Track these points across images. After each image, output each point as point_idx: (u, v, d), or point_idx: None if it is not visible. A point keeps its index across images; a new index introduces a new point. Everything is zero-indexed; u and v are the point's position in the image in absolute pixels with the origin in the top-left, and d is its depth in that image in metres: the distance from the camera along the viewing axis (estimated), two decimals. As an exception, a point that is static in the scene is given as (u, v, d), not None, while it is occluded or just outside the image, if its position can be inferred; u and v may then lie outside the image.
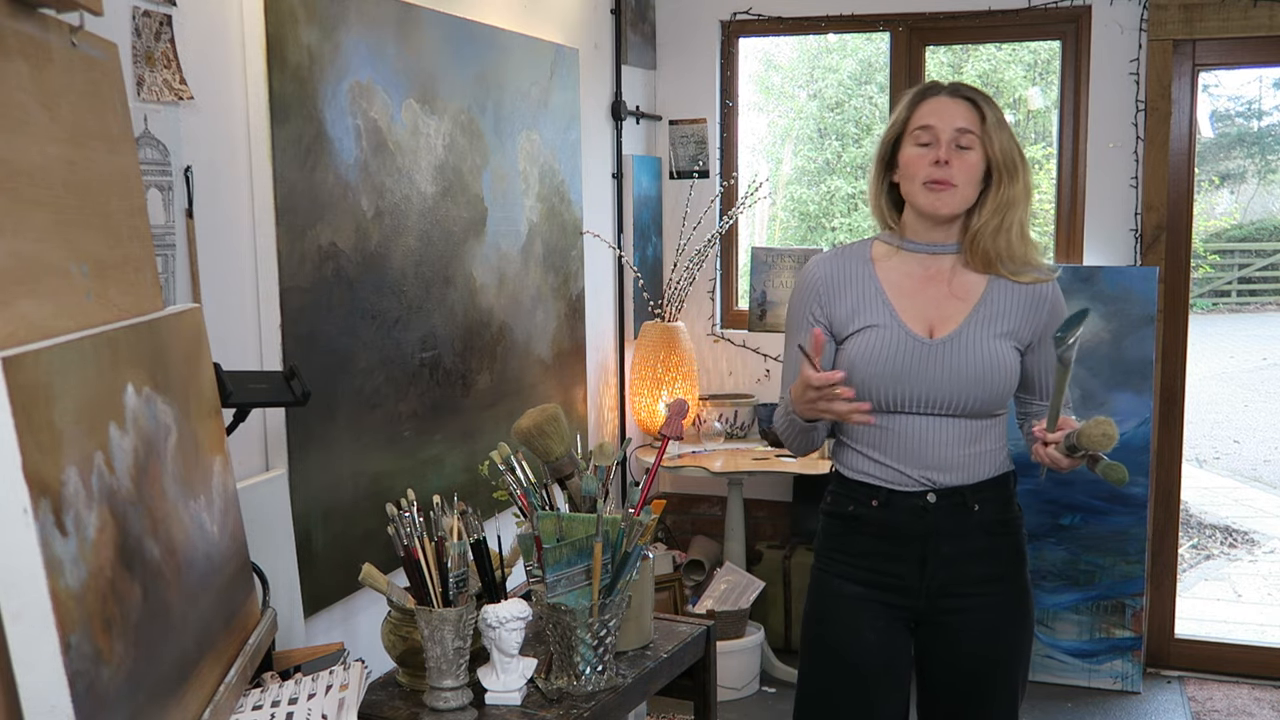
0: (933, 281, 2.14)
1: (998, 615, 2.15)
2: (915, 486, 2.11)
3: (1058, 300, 2.19)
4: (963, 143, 2.06)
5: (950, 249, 2.14)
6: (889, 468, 2.12)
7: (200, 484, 1.64)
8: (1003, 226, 2.10)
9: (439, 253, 2.96)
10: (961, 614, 2.14)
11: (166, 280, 2.13)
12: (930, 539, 2.11)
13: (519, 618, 2.09)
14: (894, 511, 2.12)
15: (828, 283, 2.17)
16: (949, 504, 2.10)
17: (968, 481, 2.11)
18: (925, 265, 2.14)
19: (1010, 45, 10.06)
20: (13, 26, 1.32)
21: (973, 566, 2.13)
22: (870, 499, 2.14)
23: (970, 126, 2.07)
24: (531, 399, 3.35)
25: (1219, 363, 11.36)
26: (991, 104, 2.10)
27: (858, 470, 2.15)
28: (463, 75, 3.04)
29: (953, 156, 2.06)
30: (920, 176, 2.07)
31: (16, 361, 1.13)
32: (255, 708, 1.65)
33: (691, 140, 4.36)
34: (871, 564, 2.14)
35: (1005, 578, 2.16)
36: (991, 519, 2.14)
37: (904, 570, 2.13)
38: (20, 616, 1.12)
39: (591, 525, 2.13)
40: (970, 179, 2.07)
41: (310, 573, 2.49)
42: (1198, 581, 5.65)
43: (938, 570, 2.12)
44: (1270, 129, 14.49)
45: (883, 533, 2.13)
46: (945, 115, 2.08)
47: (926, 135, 2.07)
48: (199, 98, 2.22)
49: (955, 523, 2.11)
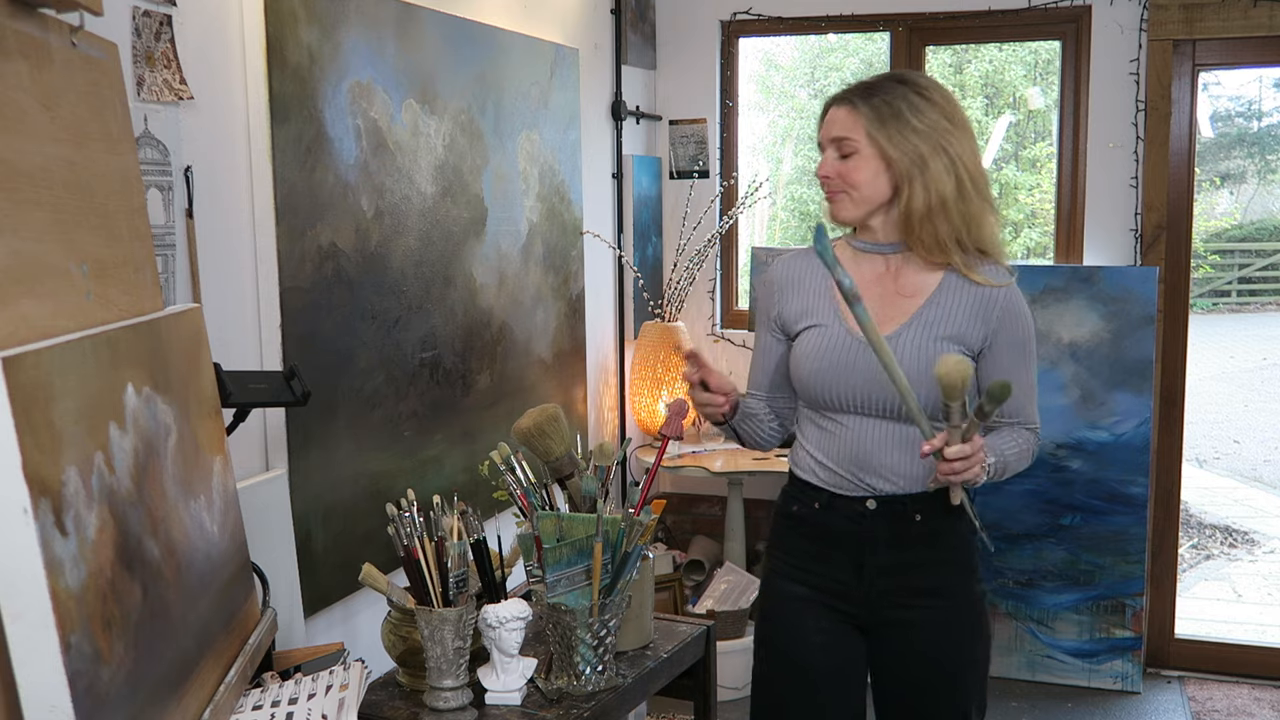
0: (880, 281, 2.09)
1: (943, 629, 2.08)
2: (856, 491, 2.06)
3: (1011, 307, 2.05)
4: (843, 150, 2.02)
5: (894, 248, 2.08)
6: (831, 470, 2.08)
7: (200, 484, 1.64)
8: (926, 213, 2.00)
9: (439, 253, 2.96)
10: (906, 627, 2.08)
11: (166, 280, 2.13)
12: (867, 546, 2.06)
13: (519, 618, 2.09)
14: (833, 515, 2.08)
15: (783, 283, 2.17)
16: (889, 512, 2.05)
17: (909, 490, 2.04)
18: (873, 265, 2.10)
19: (1011, 45, 10.06)
20: (13, 26, 1.32)
21: (914, 578, 2.07)
22: (813, 500, 2.10)
23: (846, 133, 2.02)
24: (531, 399, 3.35)
25: (1219, 363, 11.36)
26: (877, 101, 2.00)
27: (805, 470, 2.13)
28: (463, 75, 3.04)
29: (833, 168, 2.04)
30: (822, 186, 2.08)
31: (16, 361, 1.13)
32: (255, 708, 1.65)
33: (692, 140, 4.36)
34: (812, 566, 2.11)
35: (949, 591, 2.08)
36: (935, 529, 2.06)
37: (841, 575, 2.08)
38: (20, 616, 1.12)
39: (591, 525, 2.14)
40: (861, 181, 2.02)
41: (310, 573, 2.49)
42: (1198, 581, 5.65)
43: (876, 578, 2.06)
44: (1270, 129, 14.49)
45: (821, 536, 2.10)
46: (827, 125, 2.06)
47: (821, 147, 2.08)
48: (199, 98, 2.22)
49: (894, 532, 2.05)
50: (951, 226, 2.01)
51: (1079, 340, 3.88)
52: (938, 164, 1.99)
